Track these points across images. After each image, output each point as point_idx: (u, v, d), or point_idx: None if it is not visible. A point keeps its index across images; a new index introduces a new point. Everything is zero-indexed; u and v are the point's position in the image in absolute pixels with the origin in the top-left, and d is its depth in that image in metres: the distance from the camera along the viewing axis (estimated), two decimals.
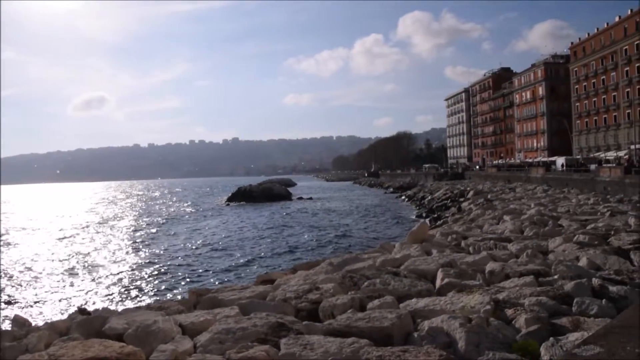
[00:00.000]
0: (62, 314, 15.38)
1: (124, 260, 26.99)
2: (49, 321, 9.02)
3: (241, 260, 25.22)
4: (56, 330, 6.53)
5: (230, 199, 75.00)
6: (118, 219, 56.19)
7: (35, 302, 18.43)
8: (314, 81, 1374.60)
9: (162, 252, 29.25)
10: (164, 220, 50.98)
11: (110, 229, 44.34)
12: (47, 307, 17.62)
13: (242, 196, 73.76)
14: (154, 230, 41.59)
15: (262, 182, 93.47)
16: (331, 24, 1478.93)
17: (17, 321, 7.15)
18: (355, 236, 32.54)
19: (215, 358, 5.14)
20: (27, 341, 5.72)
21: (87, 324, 6.52)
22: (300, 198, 75.84)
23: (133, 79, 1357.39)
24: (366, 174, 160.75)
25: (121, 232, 41.53)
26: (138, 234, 39.67)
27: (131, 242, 34.56)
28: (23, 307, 17.67)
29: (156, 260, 26.33)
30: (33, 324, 7.38)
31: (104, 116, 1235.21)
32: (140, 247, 31.88)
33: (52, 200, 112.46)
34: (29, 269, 25.25)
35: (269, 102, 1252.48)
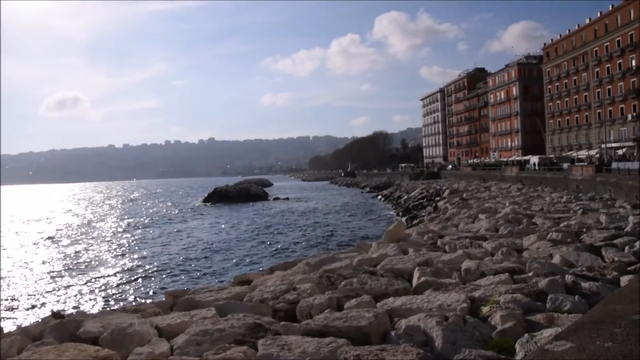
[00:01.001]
0: (35, 318, 15.11)
1: (100, 263, 26.64)
2: (20, 326, 8.87)
3: (217, 262, 25.09)
4: (29, 335, 6.42)
5: (206, 200, 74.55)
6: (94, 221, 55.41)
7: (8, 308, 18.07)
8: (291, 81, 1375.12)
9: (138, 254, 28.93)
10: (141, 222, 50.44)
11: (87, 231, 43.71)
12: (20, 312, 17.29)
13: (219, 197, 73.37)
14: (130, 233, 41.13)
15: (238, 183, 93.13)
16: (308, 23, 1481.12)
17: None
18: (331, 236, 32.58)
19: None
20: None
21: (61, 328, 6.43)
22: (277, 198, 75.73)
23: (108, 79, 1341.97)
24: (343, 174, 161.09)
25: (97, 234, 40.98)
26: (114, 236, 39.20)
27: (107, 244, 34.12)
28: None
29: (132, 263, 26.05)
30: (5, 330, 7.24)
31: (78, 116, 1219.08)
32: (117, 249, 31.50)
33: (26, 202, 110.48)
34: (2, 273, 24.76)
35: (246, 102, 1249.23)
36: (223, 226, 41.30)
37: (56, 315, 7.74)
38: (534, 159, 59.51)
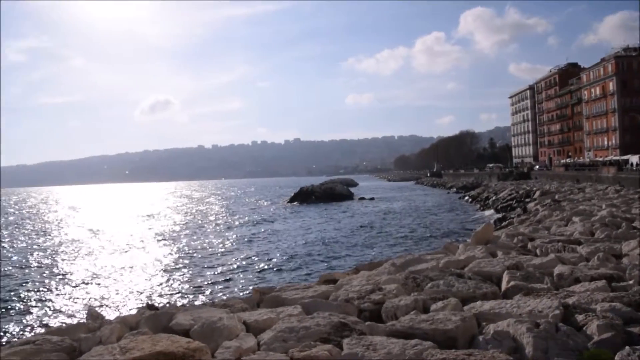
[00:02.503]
0: (132, 309, 15.96)
1: (190, 258, 27.72)
2: (120, 315, 9.38)
3: (303, 260, 25.44)
4: (127, 324, 6.76)
5: (292, 199, 75.59)
6: (194, 219, 57.72)
7: (108, 297, 19.24)
8: (375, 80, 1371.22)
9: (227, 251, 29.91)
10: (231, 221, 52.06)
11: (185, 229, 45.61)
12: (118, 302, 18.34)
13: (305, 196, 74.17)
14: (221, 231, 42.52)
15: (324, 182, 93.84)
16: (392, 23, 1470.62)
17: (92, 314, 7.45)
18: (417, 237, 32.21)
19: (278, 356, 5.19)
20: (101, 333, 5.95)
21: (155, 319, 6.72)
22: (362, 198, 75.65)
23: (195, 82, 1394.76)
24: (428, 174, 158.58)
25: (195, 232, 42.66)
26: (210, 234, 40.65)
27: (203, 242, 35.44)
28: (97, 301, 18.47)
29: (222, 260, 26.94)
30: (106, 318, 7.67)
31: (169, 119, 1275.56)
32: (210, 247, 32.65)
33: (126, 200, 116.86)
34: (105, 265, 26.37)
35: (330, 102, 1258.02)
36: (309, 226, 41.80)
37: (151, 307, 8.12)
38: (634, 159, 56.00)
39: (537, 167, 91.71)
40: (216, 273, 23.13)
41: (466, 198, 65.99)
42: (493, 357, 4.76)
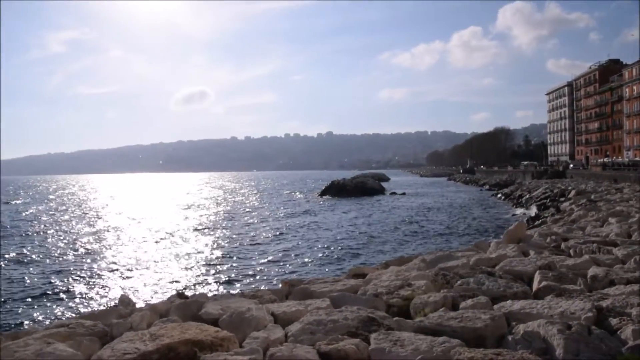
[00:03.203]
0: (162, 297, 16.23)
1: (222, 248, 28.02)
2: (150, 302, 9.54)
3: (332, 254, 25.47)
4: (156, 312, 6.87)
5: (323, 192, 75.63)
6: (229, 210, 58.34)
7: (139, 284, 19.62)
8: (409, 75, 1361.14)
9: (258, 243, 30.12)
10: (263, 213, 52.43)
11: (222, 219, 46.14)
12: (149, 290, 18.68)
13: (336, 190, 74.06)
14: (251, 221, 42.86)
15: (355, 176, 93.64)
16: (429, 17, 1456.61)
17: (123, 301, 7.60)
18: (448, 233, 31.93)
19: (305, 348, 5.21)
20: (132, 319, 6.08)
21: (185, 307, 6.82)
22: (394, 193, 75.26)
23: (231, 74, 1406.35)
24: (461, 170, 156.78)
25: (222, 221, 43.11)
26: (237, 224, 41.01)
27: (229, 231, 35.82)
28: (128, 288, 18.85)
29: (252, 251, 27.15)
30: (136, 305, 7.82)
31: (204, 110, 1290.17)
32: (237, 236, 32.96)
33: (161, 189, 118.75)
34: (138, 253, 26.89)
35: (363, 96, 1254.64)
36: (339, 219, 41.81)
37: (181, 295, 8.24)
38: None
39: (572, 165, 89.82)
40: (246, 264, 23.33)
41: (499, 196, 65.06)
42: (522, 358, 4.70)
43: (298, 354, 4.97)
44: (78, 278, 21.01)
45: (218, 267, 22.80)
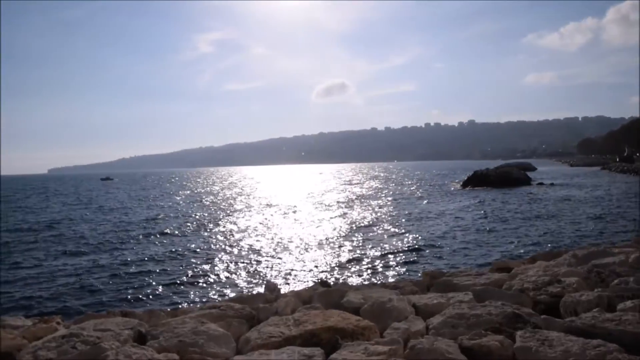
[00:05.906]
0: (305, 284, 16.84)
1: (368, 239, 28.35)
2: (294, 289, 9.94)
3: (475, 246, 24.79)
4: (300, 298, 7.11)
5: (466, 183, 73.72)
6: (362, 199, 59.23)
7: (284, 271, 20.54)
8: (558, 57, 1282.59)
9: (400, 233, 30.13)
10: (403, 202, 52.43)
11: (355, 208, 47.02)
12: (293, 277, 19.48)
13: (478, 180, 71.78)
14: (392, 211, 42.99)
15: (499, 166, 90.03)
16: None
17: (269, 286, 7.95)
18: (601, 227, 29.62)
19: (447, 342, 5.12)
20: (277, 305, 6.35)
21: (327, 295, 6.99)
22: (541, 184, 71.24)
23: (370, 65, 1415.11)
24: (617, 159, 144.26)
25: (365, 212, 43.72)
26: (378, 214, 41.31)
27: (371, 221, 36.20)
28: (274, 275, 19.82)
29: (393, 241, 27.22)
30: (281, 291, 8.16)
31: (344, 101, 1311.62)
32: (378, 226, 33.23)
33: (306, 180, 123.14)
34: (284, 241, 28.16)
35: (507, 82, 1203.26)
36: (482, 210, 40.54)
37: (323, 283, 8.47)
38: None
39: None
40: (386, 253, 23.45)
41: None
42: None
43: (439, 347, 4.90)
44: (229, 263, 22.51)
45: (359, 256, 23.14)
